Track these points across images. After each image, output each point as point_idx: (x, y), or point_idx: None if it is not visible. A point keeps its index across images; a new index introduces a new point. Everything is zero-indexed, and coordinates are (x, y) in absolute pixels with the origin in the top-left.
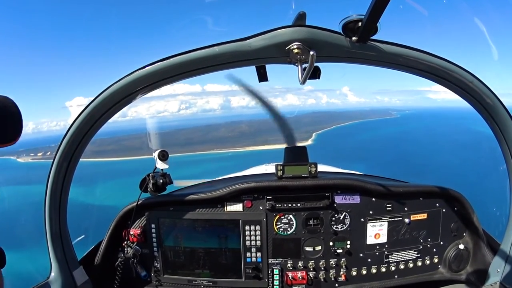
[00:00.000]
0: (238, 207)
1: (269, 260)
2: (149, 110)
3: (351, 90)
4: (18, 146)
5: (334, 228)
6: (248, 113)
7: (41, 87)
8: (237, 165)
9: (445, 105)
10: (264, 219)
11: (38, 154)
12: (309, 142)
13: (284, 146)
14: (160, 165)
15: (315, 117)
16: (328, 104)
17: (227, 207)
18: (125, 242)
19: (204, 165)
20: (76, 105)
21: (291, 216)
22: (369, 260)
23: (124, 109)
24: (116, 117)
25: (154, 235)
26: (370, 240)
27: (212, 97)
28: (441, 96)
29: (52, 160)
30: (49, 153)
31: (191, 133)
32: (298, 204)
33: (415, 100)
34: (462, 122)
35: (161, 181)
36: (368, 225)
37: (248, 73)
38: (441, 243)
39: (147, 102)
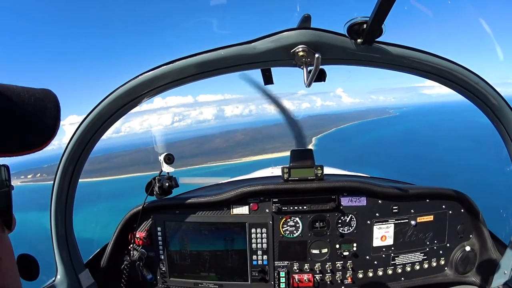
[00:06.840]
0: (244, 210)
1: (275, 262)
2: (142, 125)
3: (345, 91)
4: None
5: (340, 231)
6: (242, 121)
7: None
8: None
9: (440, 99)
10: (270, 222)
11: (28, 176)
12: (310, 147)
13: (282, 154)
14: (166, 168)
15: (312, 121)
16: (323, 107)
17: (233, 210)
18: (131, 245)
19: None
20: (69, 124)
21: (297, 218)
22: (375, 262)
23: (118, 124)
24: (109, 133)
25: (160, 238)
26: (377, 242)
27: (205, 107)
28: (435, 91)
29: (58, 163)
30: (38, 175)
31: (183, 146)
32: (305, 207)
33: (410, 97)
34: (465, 115)
35: (167, 184)
36: (375, 227)
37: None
38: (448, 245)
39: (140, 117)
